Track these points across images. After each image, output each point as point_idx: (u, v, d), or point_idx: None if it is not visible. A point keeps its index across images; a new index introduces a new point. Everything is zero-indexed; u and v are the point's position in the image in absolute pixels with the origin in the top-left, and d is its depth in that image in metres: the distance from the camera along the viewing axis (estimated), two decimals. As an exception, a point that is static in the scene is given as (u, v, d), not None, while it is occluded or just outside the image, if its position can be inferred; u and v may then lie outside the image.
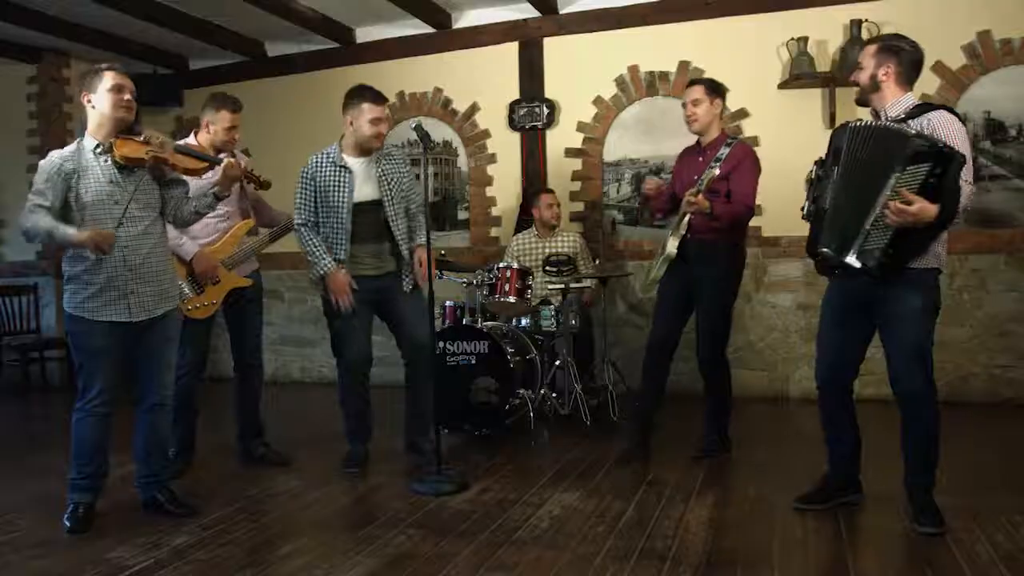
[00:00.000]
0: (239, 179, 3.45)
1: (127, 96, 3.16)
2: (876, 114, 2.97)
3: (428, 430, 3.87)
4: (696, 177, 3.74)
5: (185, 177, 3.36)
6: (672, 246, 3.75)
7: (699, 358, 3.91)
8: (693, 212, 3.64)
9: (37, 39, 6.07)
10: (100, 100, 3.13)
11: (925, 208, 2.63)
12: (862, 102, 3.03)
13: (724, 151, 3.72)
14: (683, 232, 3.73)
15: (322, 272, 3.69)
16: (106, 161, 3.14)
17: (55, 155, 3.15)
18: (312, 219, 3.76)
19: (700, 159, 3.84)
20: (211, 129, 3.81)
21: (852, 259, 2.82)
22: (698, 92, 3.80)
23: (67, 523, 3.13)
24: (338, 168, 3.74)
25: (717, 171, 3.62)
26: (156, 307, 3.22)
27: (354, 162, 3.77)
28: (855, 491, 3.14)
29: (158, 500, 3.31)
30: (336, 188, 3.72)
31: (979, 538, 2.76)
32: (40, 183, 3.09)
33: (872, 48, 2.95)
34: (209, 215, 3.76)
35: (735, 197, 3.70)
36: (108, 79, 3.13)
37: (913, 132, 2.74)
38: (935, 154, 2.65)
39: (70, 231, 3.00)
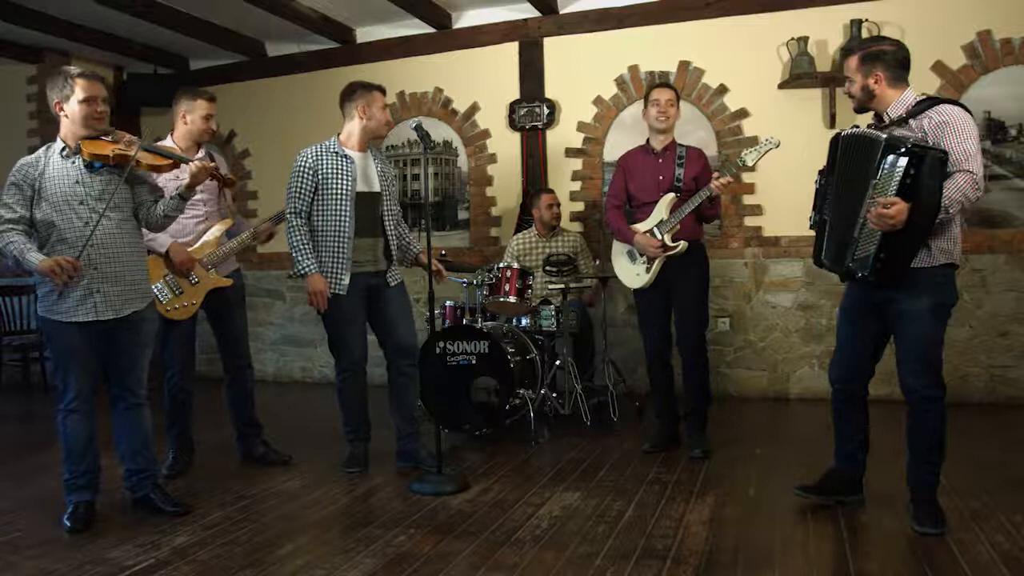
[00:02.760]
0: (205, 179, 3.42)
1: (100, 107, 3.12)
2: (879, 118, 2.96)
3: (418, 435, 3.92)
4: (661, 177, 3.98)
5: (153, 175, 3.34)
6: (669, 240, 3.93)
7: (682, 345, 4.02)
8: (717, 194, 3.82)
9: (37, 39, 6.06)
10: (72, 111, 3.08)
11: (904, 209, 2.62)
12: (861, 110, 3.03)
13: (682, 150, 4.00)
14: (677, 228, 3.91)
15: (303, 272, 3.70)
16: (73, 163, 3.11)
17: (22, 162, 3.11)
18: (305, 209, 3.74)
19: (660, 160, 4.03)
20: (188, 119, 3.82)
21: (848, 268, 2.88)
22: (672, 96, 4.03)
23: (67, 523, 3.12)
24: (340, 157, 3.76)
25: (754, 157, 3.80)
26: (124, 306, 3.16)
27: (354, 155, 3.81)
28: (856, 492, 3.15)
29: (150, 498, 3.30)
30: (338, 176, 3.73)
31: (979, 538, 2.76)
32: (8, 197, 3.06)
33: (854, 61, 2.94)
34: (186, 216, 3.76)
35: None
36: (80, 90, 3.06)
37: (884, 136, 2.73)
38: (905, 152, 2.63)
39: (35, 259, 2.95)
